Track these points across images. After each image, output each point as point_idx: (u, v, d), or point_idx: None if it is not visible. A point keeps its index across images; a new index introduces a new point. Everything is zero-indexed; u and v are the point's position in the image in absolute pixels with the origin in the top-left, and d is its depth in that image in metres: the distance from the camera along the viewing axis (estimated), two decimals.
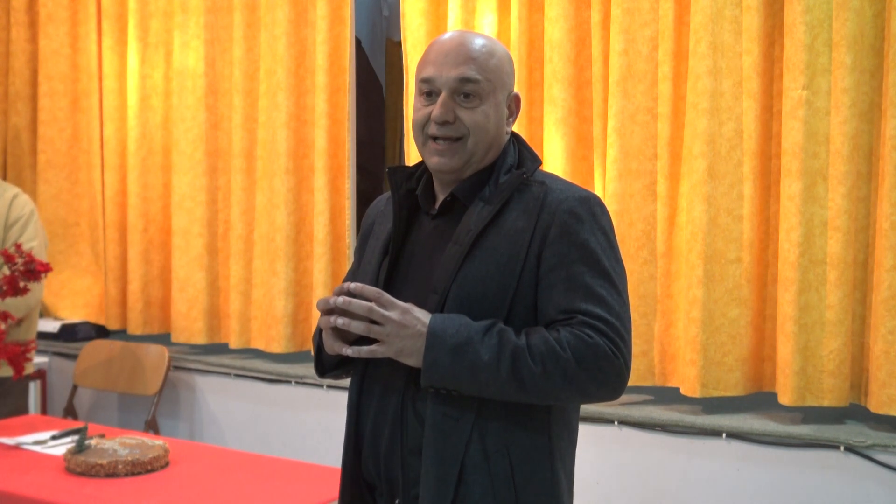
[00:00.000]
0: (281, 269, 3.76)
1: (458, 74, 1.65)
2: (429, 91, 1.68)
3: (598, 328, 1.56)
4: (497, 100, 1.69)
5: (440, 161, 1.67)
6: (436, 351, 1.55)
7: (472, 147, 1.66)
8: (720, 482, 2.94)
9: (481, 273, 1.61)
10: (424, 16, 3.50)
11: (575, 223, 1.62)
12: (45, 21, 4.41)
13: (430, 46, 1.71)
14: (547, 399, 1.60)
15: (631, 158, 3.08)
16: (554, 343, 1.55)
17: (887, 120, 2.69)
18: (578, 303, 1.58)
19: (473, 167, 1.69)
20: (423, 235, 1.73)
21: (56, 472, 2.53)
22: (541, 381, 1.55)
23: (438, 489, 1.58)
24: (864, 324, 2.84)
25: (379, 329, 1.57)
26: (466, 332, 1.56)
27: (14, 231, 3.36)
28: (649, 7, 3.07)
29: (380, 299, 1.57)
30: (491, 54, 1.68)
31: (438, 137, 1.66)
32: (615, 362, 1.56)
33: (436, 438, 1.59)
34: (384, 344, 1.58)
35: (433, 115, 1.66)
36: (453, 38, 1.70)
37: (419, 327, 1.56)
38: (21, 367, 2.78)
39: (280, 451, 3.67)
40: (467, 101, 1.66)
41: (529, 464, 1.61)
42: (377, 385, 1.69)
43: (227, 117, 4.03)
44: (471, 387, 1.57)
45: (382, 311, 1.57)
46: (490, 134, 1.68)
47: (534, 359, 1.54)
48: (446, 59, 1.66)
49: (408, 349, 1.57)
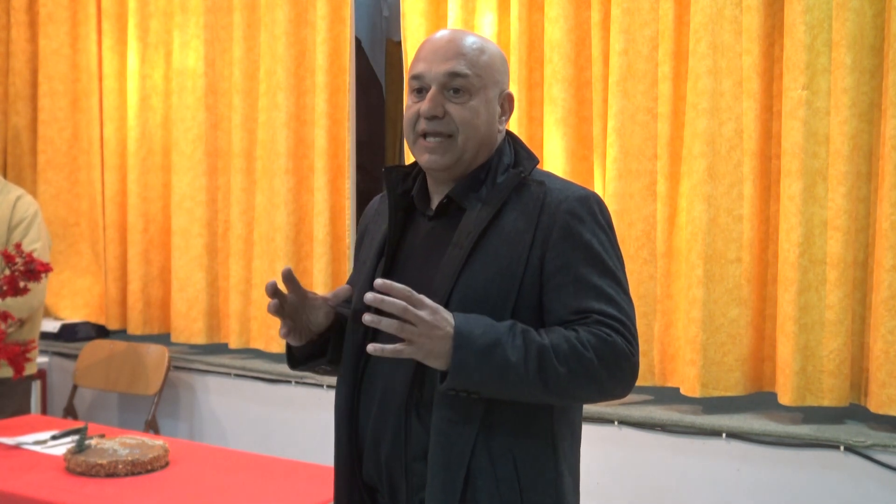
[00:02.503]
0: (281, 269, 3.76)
1: (447, 69, 1.63)
2: (419, 87, 1.66)
3: (614, 327, 1.56)
4: (488, 96, 1.66)
5: (430, 158, 1.65)
6: (464, 353, 1.51)
7: (462, 144, 1.64)
8: (720, 482, 2.94)
9: (483, 276, 1.59)
10: (424, 16, 3.50)
11: (576, 224, 1.60)
12: (45, 21, 4.41)
13: (422, 45, 1.70)
14: (568, 398, 1.60)
15: (631, 158, 3.08)
16: (576, 342, 1.54)
17: (887, 120, 2.69)
18: (591, 302, 1.58)
19: (465, 165, 1.67)
20: (419, 237, 1.71)
21: (56, 472, 2.53)
22: (565, 380, 1.54)
23: (445, 495, 1.57)
24: (864, 324, 2.84)
25: (411, 329, 1.51)
26: (494, 332, 1.53)
27: (18, 232, 3.36)
28: (649, 7, 3.07)
29: (411, 298, 1.51)
30: (482, 51, 1.66)
31: (428, 134, 1.64)
32: (631, 359, 1.57)
33: (441, 444, 1.58)
34: (413, 344, 1.50)
35: (422, 110, 1.64)
36: (444, 36, 1.69)
37: (448, 328, 1.52)
38: (21, 367, 2.77)
39: (280, 451, 3.67)
40: (457, 97, 1.64)
41: (534, 466, 1.61)
42: (375, 394, 1.66)
43: (227, 117, 4.03)
44: (496, 388, 1.54)
45: (416, 311, 1.50)
46: (480, 131, 1.66)
47: (559, 359, 1.53)
48: (436, 56, 1.65)
49: (436, 351, 1.51)
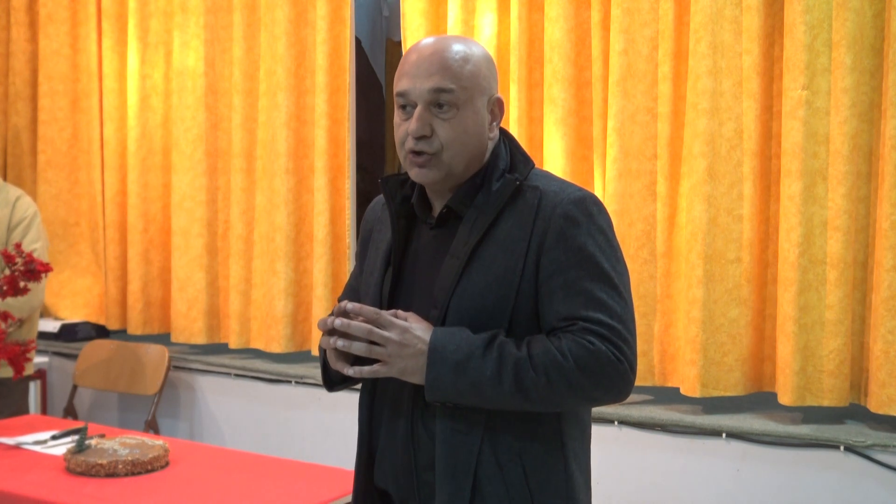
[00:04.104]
0: (281, 269, 3.77)
1: (431, 85, 1.60)
2: (404, 104, 1.64)
3: (600, 333, 1.55)
4: (475, 107, 1.64)
5: (419, 173, 1.64)
6: (437, 369, 1.54)
7: (448, 160, 1.63)
8: (720, 482, 2.94)
9: (480, 285, 1.59)
10: (424, 16, 3.50)
11: (571, 227, 1.59)
12: (45, 21, 4.41)
13: (405, 57, 1.67)
14: (553, 407, 1.60)
15: (631, 158, 3.08)
16: (555, 352, 1.53)
17: (887, 120, 2.68)
18: (579, 309, 1.56)
19: (457, 177, 1.66)
20: (422, 245, 1.71)
21: (56, 471, 2.53)
22: (545, 391, 1.54)
23: (453, 503, 1.58)
24: (864, 324, 2.84)
25: (380, 350, 1.56)
26: (467, 347, 1.54)
27: (17, 233, 3.37)
28: (649, 7, 3.07)
29: (378, 320, 1.56)
30: (465, 60, 1.63)
31: (416, 152, 1.63)
32: (619, 367, 1.55)
33: (446, 453, 1.58)
34: (386, 364, 1.56)
35: (410, 130, 1.62)
36: (426, 48, 1.65)
37: (420, 346, 1.55)
38: (21, 367, 2.78)
39: (280, 451, 3.67)
40: (443, 112, 1.61)
41: (544, 468, 1.61)
42: (386, 403, 1.69)
43: (227, 117, 4.03)
44: (475, 401, 1.56)
45: (381, 332, 1.55)
46: (469, 145, 1.64)
47: (536, 369, 1.53)
48: (419, 71, 1.62)
49: (410, 368, 1.56)
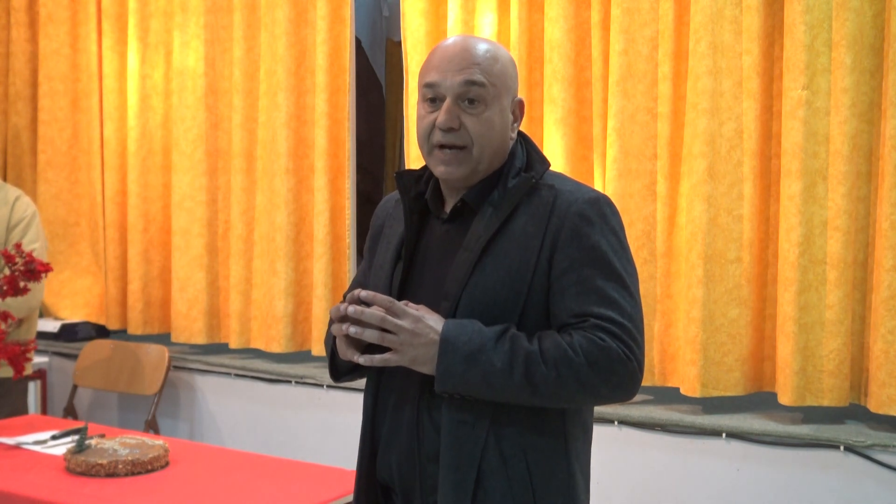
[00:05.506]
0: (281, 269, 3.77)
1: (462, 78, 1.62)
2: (433, 97, 1.65)
3: (611, 331, 1.56)
4: (502, 105, 1.66)
5: (446, 170, 1.65)
6: (448, 359, 1.55)
7: (477, 156, 1.64)
8: (720, 482, 2.94)
9: (492, 280, 1.60)
10: (424, 16, 3.50)
11: (585, 226, 1.60)
12: (45, 21, 4.41)
13: (433, 51, 1.69)
14: (561, 403, 1.60)
15: (631, 158, 3.08)
16: (566, 347, 1.54)
17: (887, 120, 2.69)
18: (591, 306, 1.57)
19: (480, 175, 1.67)
20: (434, 240, 1.72)
21: (56, 471, 2.53)
22: (554, 385, 1.55)
23: (456, 496, 1.58)
24: (864, 324, 2.84)
25: (392, 338, 1.56)
26: (479, 339, 1.55)
27: (16, 233, 3.37)
28: (649, 7, 3.07)
29: (392, 308, 1.57)
30: (495, 59, 1.66)
31: (444, 146, 1.64)
32: (628, 365, 1.56)
33: (452, 445, 1.59)
34: (397, 353, 1.57)
35: (438, 122, 1.63)
36: (457, 43, 1.67)
37: (432, 335, 1.56)
38: (21, 367, 2.78)
39: (280, 451, 3.67)
40: (472, 108, 1.63)
41: (547, 466, 1.62)
42: (392, 393, 1.69)
43: (227, 117, 4.03)
44: (484, 393, 1.57)
45: (395, 321, 1.56)
46: (495, 142, 1.66)
47: (546, 364, 1.54)
48: (450, 65, 1.64)
49: (421, 357, 1.57)
